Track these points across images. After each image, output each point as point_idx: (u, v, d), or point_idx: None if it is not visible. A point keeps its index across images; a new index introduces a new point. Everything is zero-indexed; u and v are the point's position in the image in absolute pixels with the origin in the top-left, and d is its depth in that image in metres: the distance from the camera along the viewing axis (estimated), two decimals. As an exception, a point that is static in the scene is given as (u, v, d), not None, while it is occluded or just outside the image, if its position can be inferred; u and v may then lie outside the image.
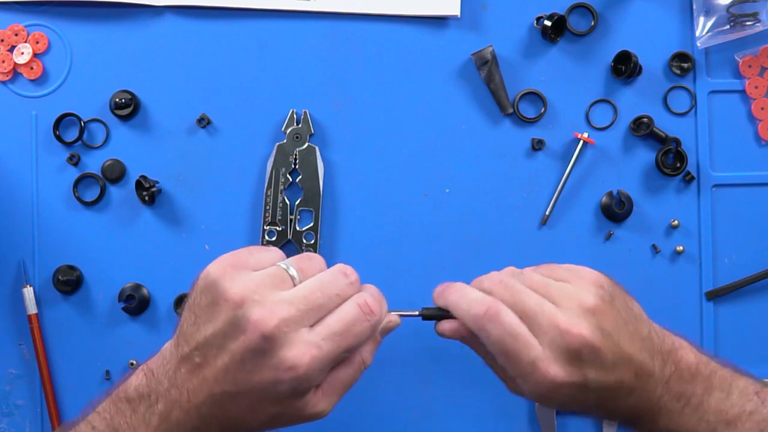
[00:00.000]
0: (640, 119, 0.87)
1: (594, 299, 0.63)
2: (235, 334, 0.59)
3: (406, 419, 0.86)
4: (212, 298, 0.60)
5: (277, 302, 0.59)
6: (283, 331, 0.58)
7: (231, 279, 0.60)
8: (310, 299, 0.60)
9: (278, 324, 0.58)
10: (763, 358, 0.87)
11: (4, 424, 0.86)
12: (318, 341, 0.59)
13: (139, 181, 0.85)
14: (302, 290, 0.61)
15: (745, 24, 0.86)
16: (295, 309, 0.59)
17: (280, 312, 0.58)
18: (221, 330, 0.59)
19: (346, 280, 0.63)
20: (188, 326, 0.61)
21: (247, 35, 0.87)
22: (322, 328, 0.60)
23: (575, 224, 0.87)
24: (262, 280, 0.60)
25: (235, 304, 0.59)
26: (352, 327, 0.61)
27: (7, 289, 0.87)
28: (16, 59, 0.87)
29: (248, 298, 0.59)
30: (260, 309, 0.58)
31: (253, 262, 0.63)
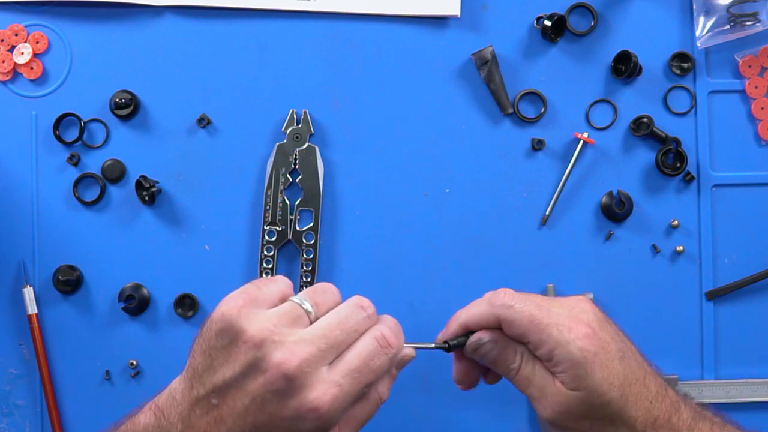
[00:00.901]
0: (640, 119, 0.87)
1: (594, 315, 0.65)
2: (255, 375, 0.58)
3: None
4: (229, 340, 0.59)
5: (296, 342, 0.58)
6: (305, 372, 0.57)
7: (247, 319, 0.59)
8: (329, 337, 0.59)
9: (299, 365, 0.57)
10: (763, 358, 0.87)
11: (4, 424, 0.86)
12: (338, 380, 0.58)
13: (139, 181, 0.85)
14: (321, 328, 0.60)
15: (745, 24, 0.86)
16: (315, 348, 0.58)
17: (301, 352, 0.58)
18: (240, 372, 0.58)
19: (364, 314, 0.62)
20: (203, 369, 0.60)
21: (247, 35, 0.87)
22: (342, 366, 0.59)
23: (575, 224, 0.87)
24: (279, 319, 0.59)
25: (254, 345, 0.58)
26: (371, 362, 0.60)
27: (7, 289, 0.87)
28: (16, 59, 0.87)
29: (267, 338, 0.58)
30: (280, 350, 0.58)
31: (263, 297, 0.62)
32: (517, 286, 0.86)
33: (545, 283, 0.86)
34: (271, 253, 0.85)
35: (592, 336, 0.63)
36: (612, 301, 0.87)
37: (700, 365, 0.87)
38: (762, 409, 0.87)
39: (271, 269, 0.85)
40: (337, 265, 0.87)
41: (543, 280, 0.87)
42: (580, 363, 0.62)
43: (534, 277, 0.87)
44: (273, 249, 0.85)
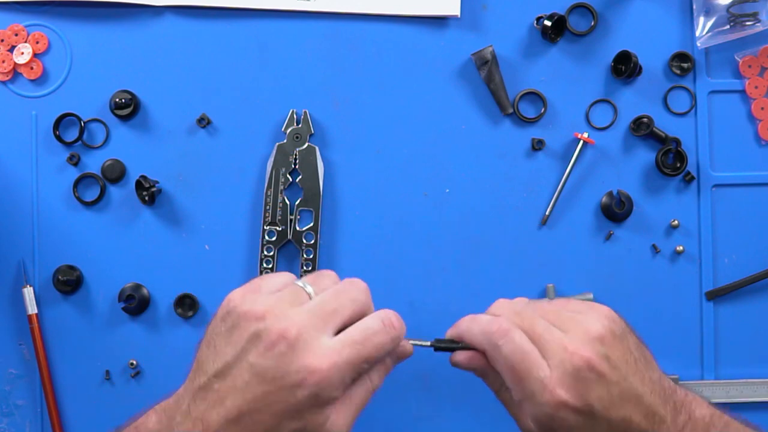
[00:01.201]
0: (640, 119, 0.87)
1: (602, 329, 0.63)
2: (255, 345, 0.59)
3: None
4: (233, 321, 0.61)
5: (297, 313, 0.60)
6: (303, 336, 0.59)
7: (252, 300, 0.61)
8: (325, 305, 0.61)
9: (299, 329, 0.59)
10: (763, 358, 0.87)
11: (4, 424, 0.86)
12: (339, 347, 0.60)
13: (139, 181, 0.85)
14: (318, 300, 0.62)
15: (745, 24, 0.86)
16: (313, 315, 0.60)
17: (300, 320, 0.59)
18: (241, 347, 0.59)
19: (358, 287, 0.64)
20: (205, 357, 0.62)
21: (247, 35, 0.87)
22: (344, 336, 0.61)
23: (575, 224, 0.87)
24: (281, 297, 0.61)
25: (256, 318, 0.59)
26: (373, 337, 0.61)
27: (7, 289, 0.87)
28: (16, 59, 0.87)
29: (269, 312, 0.60)
30: (282, 320, 0.59)
31: (269, 285, 0.64)
32: (517, 285, 0.86)
33: (545, 283, 0.86)
34: (271, 253, 0.85)
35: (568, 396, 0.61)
36: (612, 301, 0.86)
37: (700, 365, 0.87)
38: (762, 409, 0.87)
39: (271, 269, 0.85)
40: (337, 265, 0.87)
41: (543, 280, 0.87)
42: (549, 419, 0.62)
43: (534, 277, 0.87)
44: (273, 249, 0.85)
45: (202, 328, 0.86)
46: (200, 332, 0.86)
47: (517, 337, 0.64)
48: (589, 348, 0.62)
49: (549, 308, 0.66)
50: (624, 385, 0.62)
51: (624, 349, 0.63)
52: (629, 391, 0.62)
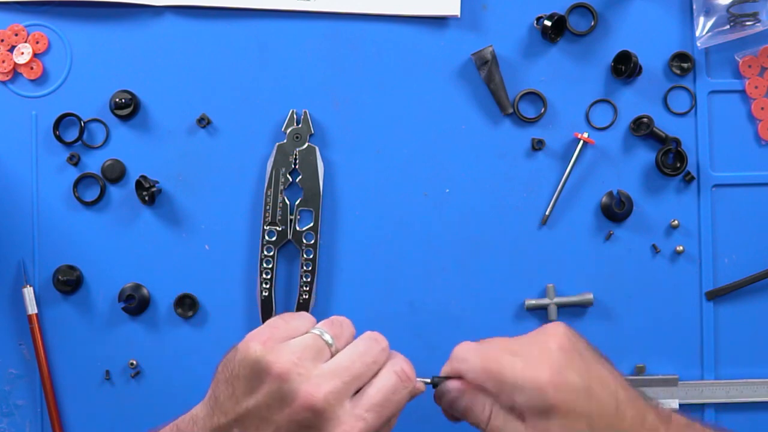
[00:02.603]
0: (640, 119, 0.87)
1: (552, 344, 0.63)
2: (280, 407, 0.59)
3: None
4: (253, 371, 0.60)
5: (321, 375, 0.60)
6: (331, 405, 0.59)
7: (273, 352, 0.60)
8: (351, 369, 0.61)
9: (325, 397, 0.59)
10: (763, 358, 0.87)
11: (4, 424, 0.86)
12: (363, 414, 0.60)
13: (139, 181, 0.85)
14: (343, 361, 0.61)
15: (745, 24, 0.86)
16: (339, 381, 0.60)
17: (326, 385, 0.59)
18: (264, 403, 0.59)
19: (379, 346, 0.64)
20: (225, 398, 0.61)
21: (247, 35, 0.87)
22: (365, 400, 0.61)
23: (575, 224, 0.87)
24: (303, 352, 0.61)
25: (279, 377, 0.59)
26: (392, 396, 0.62)
27: (7, 289, 0.87)
28: (16, 59, 0.87)
29: (292, 371, 0.59)
30: (306, 383, 0.59)
31: (289, 330, 0.63)
32: (517, 285, 0.86)
33: (545, 283, 0.86)
34: (271, 253, 0.85)
35: (552, 376, 0.61)
36: (612, 301, 0.87)
37: (700, 365, 0.87)
38: (762, 409, 0.87)
39: (271, 269, 0.85)
40: (337, 265, 0.87)
41: (543, 280, 0.87)
42: (542, 406, 0.61)
43: (534, 277, 0.87)
44: (273, 249, 0.85)
45: (202, 328, 0.87)
46: (200, 332, 0.87)
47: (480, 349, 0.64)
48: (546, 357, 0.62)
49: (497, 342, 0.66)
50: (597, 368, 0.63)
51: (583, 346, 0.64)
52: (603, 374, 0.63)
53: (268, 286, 0.85)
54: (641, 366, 0.86)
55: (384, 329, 0.85)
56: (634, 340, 0.87)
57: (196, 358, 0.86)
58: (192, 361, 0.86)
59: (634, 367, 0.86)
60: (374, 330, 0.85)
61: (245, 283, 0.87)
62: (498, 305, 0.87)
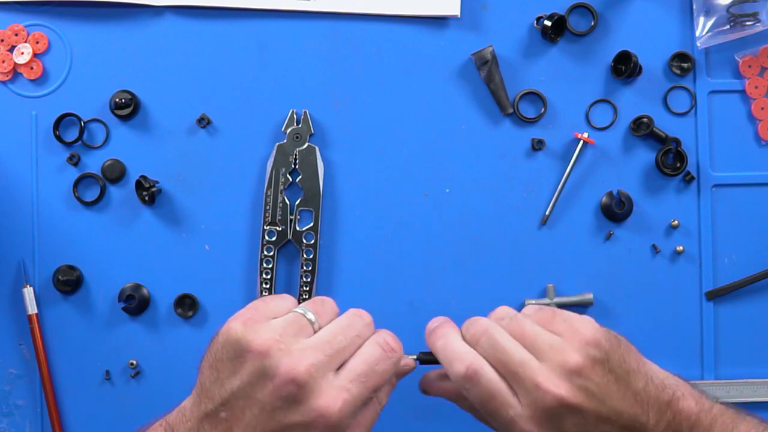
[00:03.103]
0: (640, 119, 0.87)
1: (582, 359, 0.61)
2: (263, 383, 0.59)
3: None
4: (235, 351, 0.60)
5: (303, 349, 0.59)
6: (313, 377, 0.58)
7: (253, 331, 0.60)
8: (333, 343, 0.61)
9: (307, 369, 0.58)
10: (763, 358, 0.87)
11: (4, 424, 0.86)
12: (346, 385, 0.59)
13: (139, 181, 0.85)
14: (325, 335, 0.61)
15: (745, 24, 0.86)
16: (321, 354, 0.60)
17: (308, 358, 0.59)
18: (248, 381, 0.59)
19: (363, 321, 0.64)
20: (210, 383, 0.61)
21: (247, 35, 0.87)
22: (348, 372, 0.60)
23: (575, 224, 0.87)
24: (284, 328, 0.60)
25: (260, 354, 0.59)
26: (376, 366, 0.61)
27: (7, 289, 0.87)
28: (16, 59, 0.87)
29: (273, 347, 0.59)
30: (287, 357, 0.59)
31: (269, 311, 0.63)
32: (517, 286, 0.86)
33: (545, 283, 0.86)
34: (271, 253, 0.85)
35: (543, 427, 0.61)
36: (612, 301, 0.87)
37: (700, 365, 0.87)
38: (762, 409, 0.87)
39: (271, 269, 0.85)
40: (337, 265, 0.87)
41: (543, 280, 0.87)
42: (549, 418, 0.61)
43: (534, 277, 0.87)
44: (273, 249, 0.85)
45: (202, 328, 0.87)
46: (200, 332, 0.87)
47: (485, 380, 0.63)
48: (564, 384, 0.61)
49: (528, 331, 0.64)
50: (602, 409, 0.61)
51: (604, 373, 0.62)
52: (607, 412, 0.61)
53: (268, 286, 0.85)
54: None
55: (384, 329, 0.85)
56: (634, 340, 0.86)
57: (196, 358, 0.85)
58: (192, 361, 0.85)
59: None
60: (374, 330, 0.85)
61: (245, 283, 0.86)
62: (498, 305, 0.86)
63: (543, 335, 0.63)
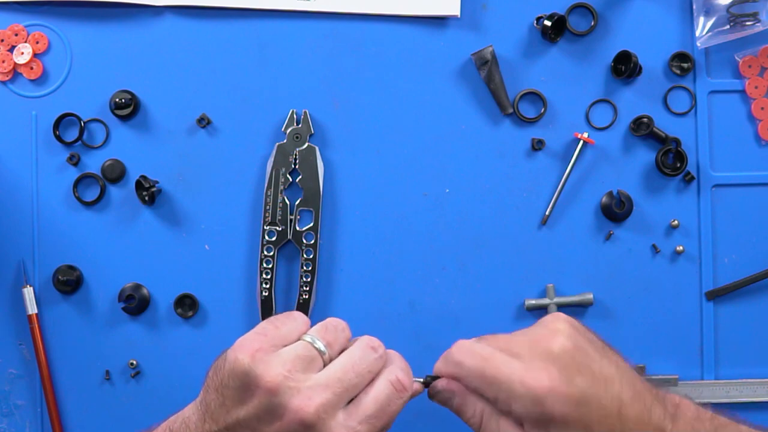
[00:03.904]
0: (640, 119, 0.87)
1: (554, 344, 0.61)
2: (270, 420, 0.58)
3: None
4: (243, 383, 0.59)
5: (312, 387, 0.58)
6: (322, 418, 0.58)
7: (262, 363, 0.59)
8: (344, 381, 0.60)
9: (317, 410, 0.58)
10: (763, 358, 0.87)
11: (4, 424, 0.86)
12: (356, 426, 0.59)
13: (139, 181, 0.85)
14: (336, 372, 0.60)
15: (745, 24, 0.86)
16: (331, 393, 0.59)
17: (317, 398, 0.58)
18: (255, 415, 0.59)
19: (375, 354, 0.62)
20: (216, 406, 0.60)
21: (247, 35, 0.87)
22: (359, 412, 0.60)
23: (575, 224, 0.87)
24: (293, 363, 0.59)
25: (269, 391, 0.58)
26: (387, 407, 0.61)
27: (7, 289, 0.87)
28: (16, 59, 0.87)
29: (282, 384, 0.58)
30: (297, 397, 0.58)
31: (279, 337, 0.62)
32: (517, 286, 0.86)
33: (545, 283, 0.86)
34: (271, 253, 0.85)
35: (552, 384, 0.59)
36: (612, 301, 0.87)
37: (700, 365, 0.87)
38: (762, 409, 0.87)
39: (271, 269, 0.85)
40: (337, 265, 0.87)
41: (543, 280, 0.87)
42: (540, 416, 0.60)
43: (534, 277, 0.87)
44: (273, 249, 0.85)
45: (202, 328, 0.87)
46: (200, 332, 0.87)
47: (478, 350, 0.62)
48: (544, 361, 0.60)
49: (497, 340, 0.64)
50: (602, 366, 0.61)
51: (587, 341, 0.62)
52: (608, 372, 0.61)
53: (268, 286, 0.85)
54: (641, 366, 0.86)
55: (384, 329, 0.86)
56: (634, 340, 0.87)
57: (196, 358, 0.86)
58: (192, 361, 0.86)
59: (634, 367, 0.86)
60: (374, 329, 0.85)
61: (245, 283, 0.86)
62: (498, 305, 0.87)
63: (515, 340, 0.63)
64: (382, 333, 0.84)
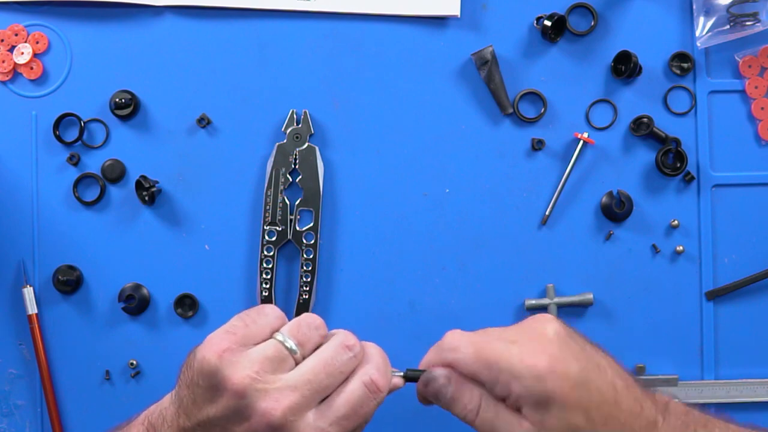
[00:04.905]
0: (640, 119, 0.87)
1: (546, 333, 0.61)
2: (239, 421, 0.58)
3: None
4: (210, 383, 0.58)
5: (281, 389, 0.57)
6: (290, 420, 0.57)
7: (230, 365, 0.58)
8: (314, 382, 0.58)
9: (284, 413, 0.57)
10: (763, 358, 0.87)
11: (4, 424, 0.87)
12: (326, 428, 0.58)
13: (139, 181, 0.85)
14: (305, 373, 0.59)
15: (745, 24, 0.86)
16: (299, 395, 0.58)
17: (285, 400, 0.57)
18: (223, 415, 0.58)
19: (349, 353, 0.60)
20: (188, 402, 0.60)
21: (247, 35, 0.87)
22: (330, 413, 0.59)
23: (575, 224, 0.87)
24: (262, 364, 0.58)
25: (236, 393, 0.57)
26: (360, 409, 0.59)
27: (7, 289, 0.87)
28: (16, 59, 0.87)
29: (250, 386, 0.57)
30: (264, 399, 0.57)
31: (249, 336, 0.60)
32: (517, 286, 0.86)
33: (545, 283, 0.86)
34: (271, 253, 0.85)
35: (552, 363, 0.59)
36: (612, 301, 0.87)
37: (700, 365, 0.87)
38: (762, 409, 0.87)
39: (271, 269, 0.85)
40: (337, 265, 0.87)
41: (543, 280, 0.87)
42: (541, 395, 0.59)
43: (534, 277, 0.87)
44: (273, 249, 0.85)
45: (202, 328, 0.87)
46: (200, 332, 0.86)
47: (472, 337, 0.62)
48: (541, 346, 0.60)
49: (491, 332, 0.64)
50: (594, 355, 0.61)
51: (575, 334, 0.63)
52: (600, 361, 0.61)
53: (268, 286, 0.85)
54: (641, 366, 0.86)
55: (384, 329, 0.86)
56: (634, 340, 0.87)
57: (196, 358, 0.86)
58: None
59: (634, 367, 0.86)
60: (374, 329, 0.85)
61: (245, 283, 0.86)
62: (498, 305, 0.87)
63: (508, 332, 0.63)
64: (382, 333, 0.84)
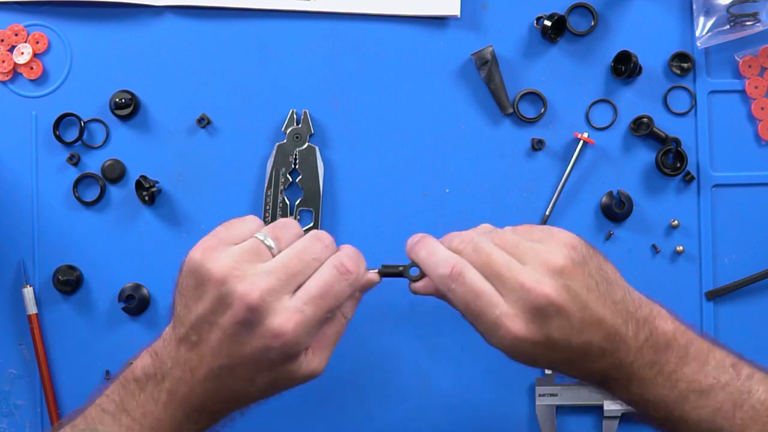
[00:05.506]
0: (640, 119, 0.87)
1: (563, 259, 0.62)
2: (223, 310, 0.61)
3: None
4: (196, 280, 0.62)
5: (257, 274, 0.61)
6: (267, 301, 0.60)
7: (212, 259, 0.62)
8: (289, 267, 0.62)
9: (261, 295, 0.60)
10: (763, 358, 0.87)
11: (4, 424, 0.87)
12: (300, 306, 0.61)
13: (139, 181, 0.85)
14: (281, 260, 0.63)
15: (745, 24, 0.86)
16: (275, 278, 0.61)
17: (262, 283, 0.61)
18: (210, 308, 0.62)
19: (322, 244, 0.65)
20: (180, 309, 0.64)
21: (247, 35, 0.87)
22: (303, 293, 0.62)
23: (575, 224, 0.87)
24: (241, 255, 0.62)
25: (218, 282, 0.61)
26: (331, 288, 0.63)
27: (7, 289, 0.87)
28: (16, 59, 0.87)
29: (230, 274, 0.61)
30: (242, 283, 0.61)
31: (230, 237, 0.65)
32: (517, 286, 0.86)
33: (545, 283, 0.86)
34: (271, 253, 0.85)
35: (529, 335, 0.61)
36: (612, 301, 0.87)
37: (700, 365, 0.87)
38: (762, 409, 0.86)
39: (271, 269, 0.85)
40: (337, 265, 0.87)
41: (543, 280, 0.87)
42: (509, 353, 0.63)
43: (534, 277, 0.87)
44: (273, 249, 0.85)
45: (202, 328, 0.86)
46: (200, 332, 0.86)
47: (470, 279, 0.63)
48: (548, 281, 0.61)
49: (509, 239, 0.65)
50: (585, 313, 0.62)
51: (584, 275, 0.63)
52: (590, 318, 0.62)
53: (268, 286, 0.85)
54: (641, 366, 0.86)
55: (384, 329, 0.86)
56: (634, 340, 0.87)
57: (196, 358, 0.86)
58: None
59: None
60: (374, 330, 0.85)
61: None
62: (498, 305, 0.87)
63: (524, 243, 0.64)
64: (382, 333, 0.84)
